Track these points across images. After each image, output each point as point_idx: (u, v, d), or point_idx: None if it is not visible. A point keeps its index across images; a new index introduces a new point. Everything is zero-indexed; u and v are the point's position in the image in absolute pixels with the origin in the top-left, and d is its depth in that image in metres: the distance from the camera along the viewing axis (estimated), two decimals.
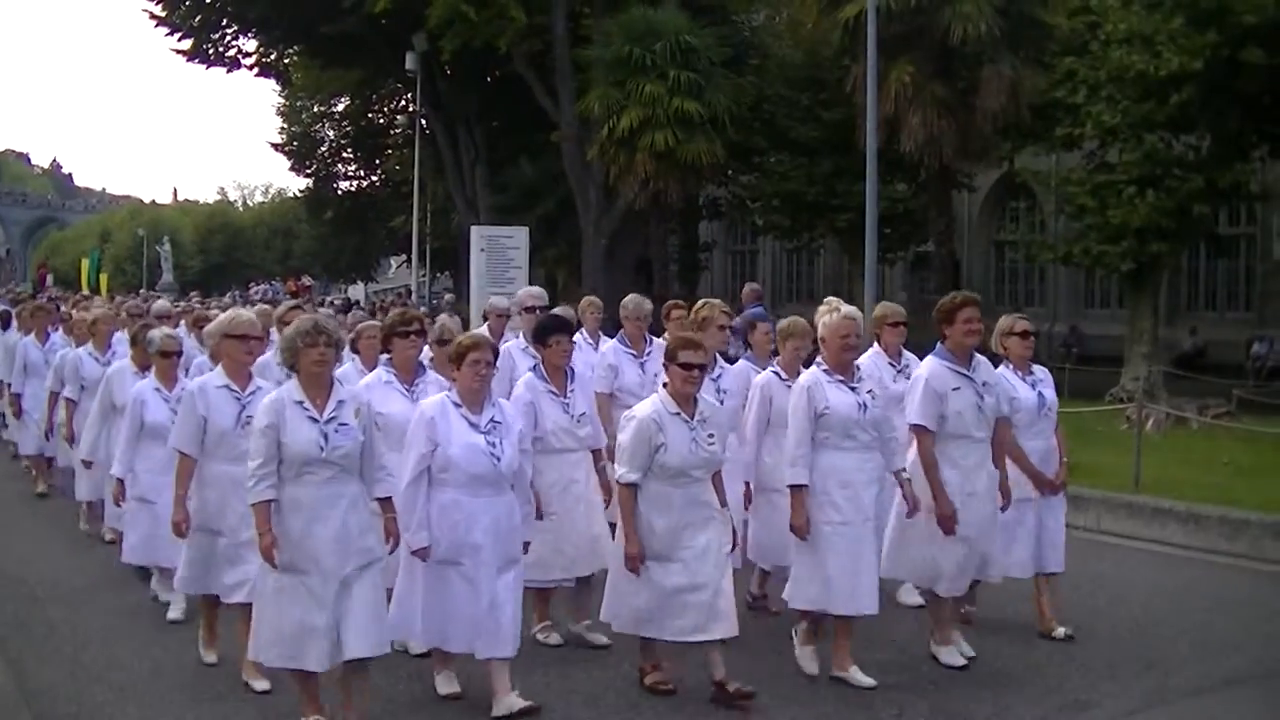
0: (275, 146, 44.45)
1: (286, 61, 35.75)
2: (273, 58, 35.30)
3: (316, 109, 43.06)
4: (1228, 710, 6.31)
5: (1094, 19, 19.04)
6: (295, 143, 43.78)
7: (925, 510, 6.47)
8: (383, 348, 7.13)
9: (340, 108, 42.24)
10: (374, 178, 44.05)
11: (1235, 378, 20.52)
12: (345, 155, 44.37)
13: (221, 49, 33.32)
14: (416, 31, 27.17)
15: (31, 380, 12.00)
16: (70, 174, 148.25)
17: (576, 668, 6.58)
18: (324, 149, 44.23)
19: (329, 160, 44.57)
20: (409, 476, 5.76)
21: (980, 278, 32.56)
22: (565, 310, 9.48)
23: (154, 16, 31.63)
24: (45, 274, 56.74)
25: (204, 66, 33.57)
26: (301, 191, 48.67)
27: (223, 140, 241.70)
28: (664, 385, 6.12)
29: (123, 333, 10.60)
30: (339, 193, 45.60)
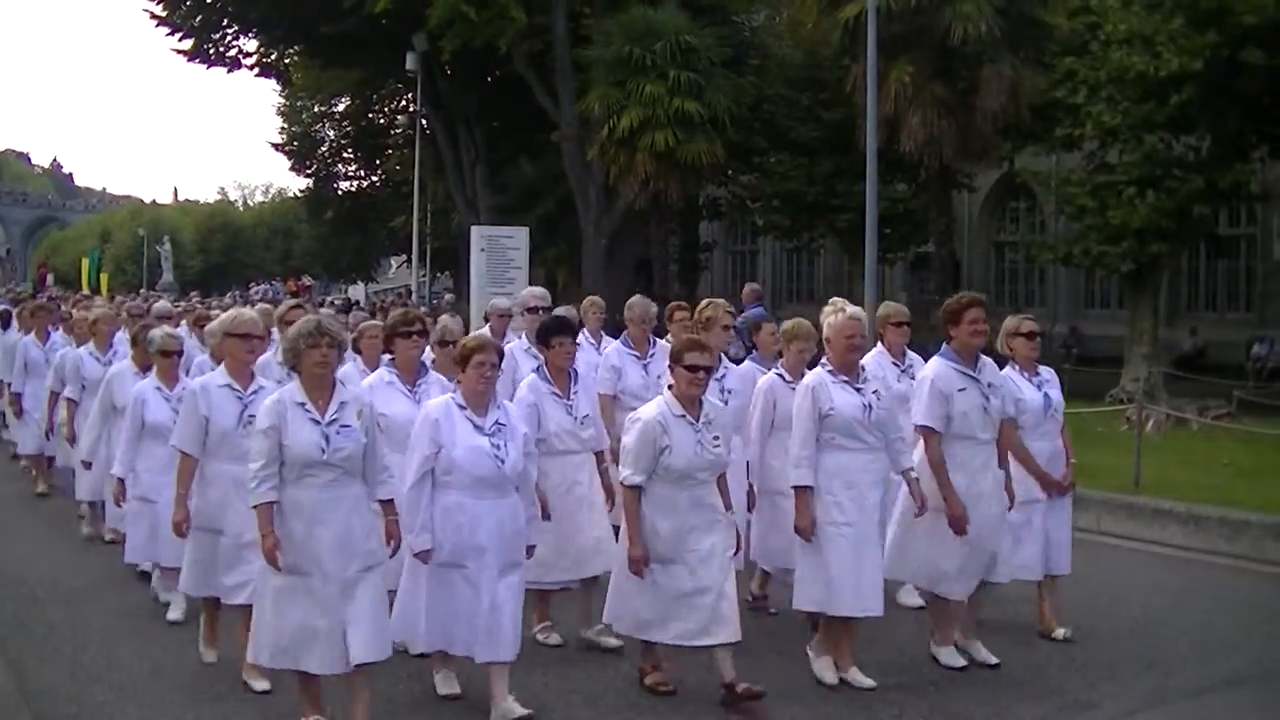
0: (275, 146, 44.52)
1: (287, 61, 35.74)
2: (273, 58, 35.30)
3: (317, 109, 43.08)
4: (1228, 711, 6.32)
5: (1094, 19, 19.04)
6: (295, 143, 43.79)
7: (933, 510, 6.43)
8: (385, 348, 7.10)
9: (340, 108, 42.24)
10: (374, 178, 44.04)
11: (1235, 378, 20.50)
12: (345, 155, 44.38)
13: (222, 49, 33.32)
14: (417, 31, 27.17)
15: (32, 380, 11.98)
16: (70, 174, 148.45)
17: (576, 668, 6.57)
18: (324, 149, 44.24)
19: (329, 160, 44.59)
20: (412, 478, 5.72)
21: (980, 278, 32.54)
22: (567, 311, 9.48)
23: (154, 16, 31.64)
24: (45, 274, 56.79)
25: (204, 66, 33.60)
26: (302, 191, 48.69)
27: (223, 140, 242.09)
28: (669, 387, 6.09)
29: (124, 333, 10.60)
30: (339, 193, 45.59)
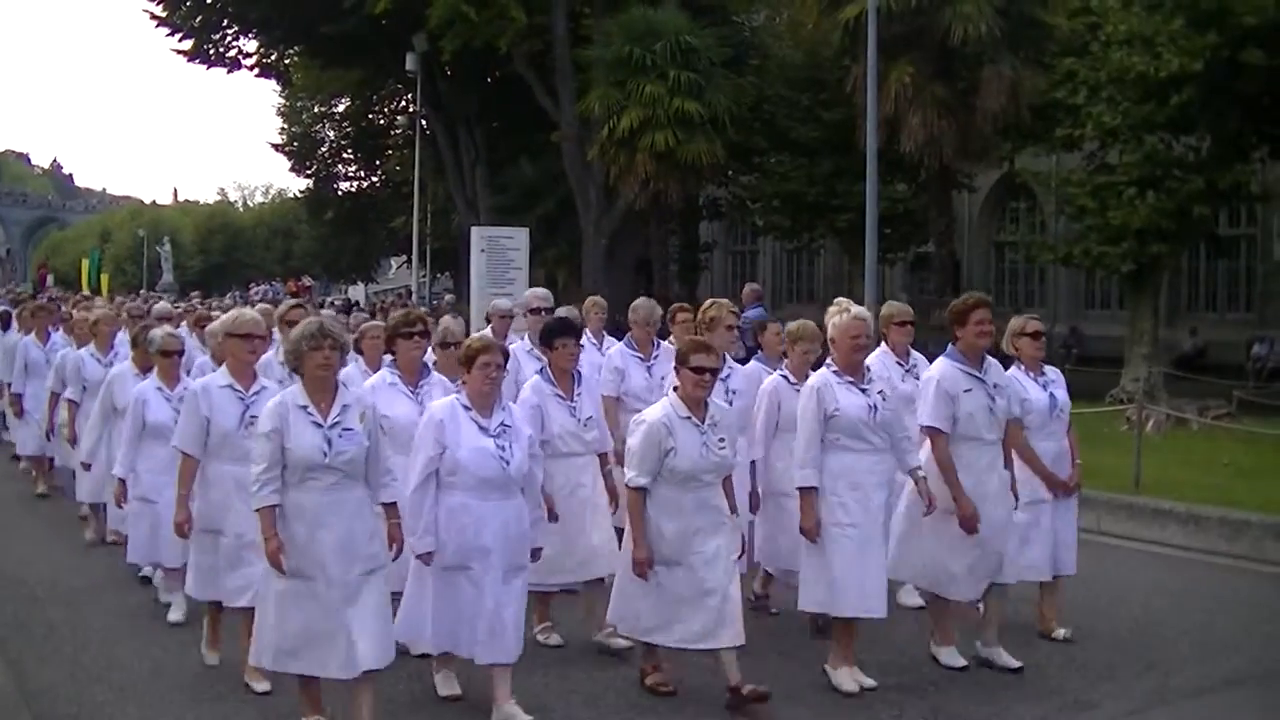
0: (275, 147, 44.47)
1: (287, 62, 35.72)
2: (273, 58, 35.29)
3: (317, 109, 43.05)
4: (1228, 711, 6.32)
5: (1094, 20, 19.04)
6: (295, 143, 43.76)
7: (939, 512, 6.40)
8: (387, 349, 7.08)
9: (340, 108, 42.22)
10: (374, 178, 44.01)
11: (1235, 379, 20.52)
12: (345, 156, 44.34)
13: (222, 49, 33.31)
14: (417, 32, 27.16)
15: (33, 380, 11.98)
16: (70, 174, 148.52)
17: (576, 668, 6.57)
18: (324, 149, 44.21)
19: (329, 161, 44.55)
20: (416, 479, 5.70)
21: (980, 278, 32.54)
22: (569, 312, 9.46)
23: (154, 17, 31.63)
24: (45, 274, 56.76)
25: (204, 67, 33.58)
26: (302, 192, 48.69)
27: (223, 141, 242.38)
28: (674, 389, 6.07)
29: (124, 334, 10.58)
30: (339, 193, 45.56)
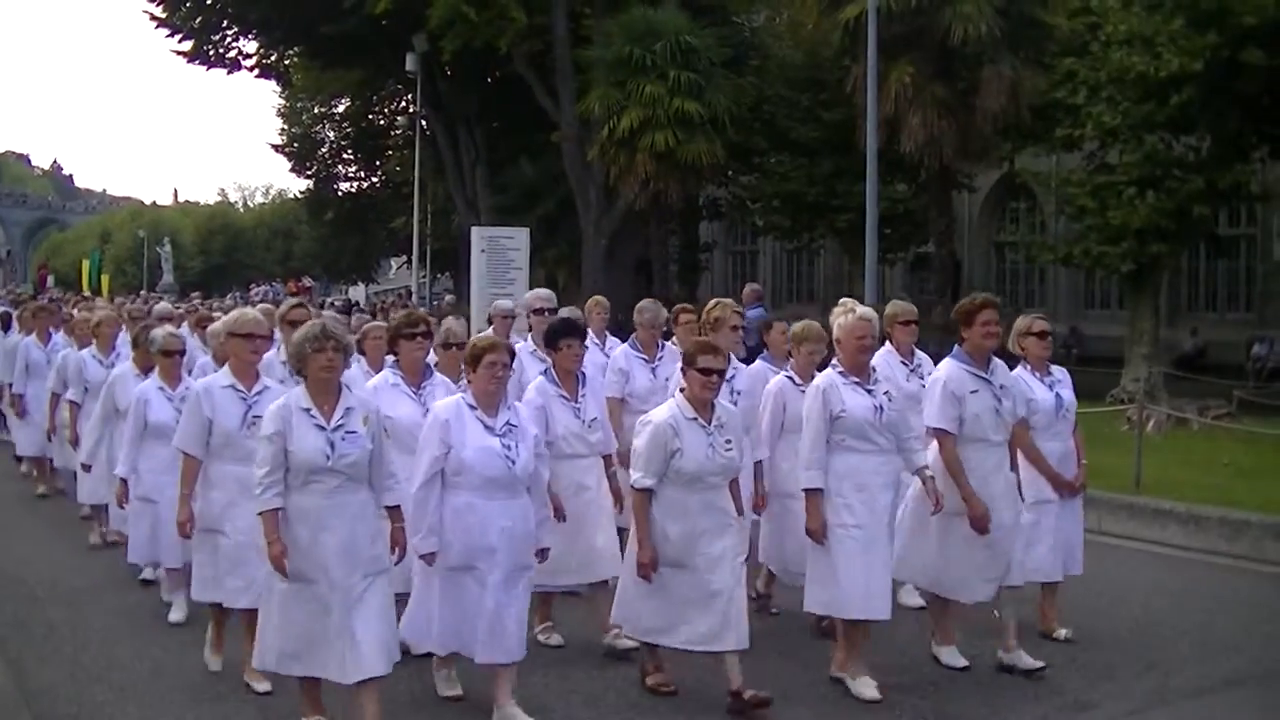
0: (276, 148, 44.47)
1: (287, 63, 35.72)
2: (273, 59, 35.29)
3: (317, 110, 43.06)
4: (1228, 711, 6.32)
5: (1094, 20, 19.04)
6: (296, 144, 43.77)
7: (946, 514, 6.37)
8: (389, 349, 7.06)
9: (340, 109, 42.23)
10: (374, 179, 44.01)
11: (1235, 379, 20.51)
12: (346, 156, 44.36)
13: (222, 50, 33.32)
14: (417, 32, 27.16)
15: (34, 381, 11.97)
16: (71, 175, 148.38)
17: (576, 668, 6.57)
18: (324, 150, 44.23)
19: (329, 161, 44.57)
20: (421, 479, 5.68)
21: (981, 278, 32.56)
22: (572, 313, 9.44)
23: (154, 18, 31.64)
24: (46, 275, 56.83)
25: (204, 68, 33.58)
26: (302, 193, 48.70)
27: (223, 141, 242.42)
28: (680, 390, 6.05)
29: (125, 334, 10.57)
30: (339, 194, 45.56)
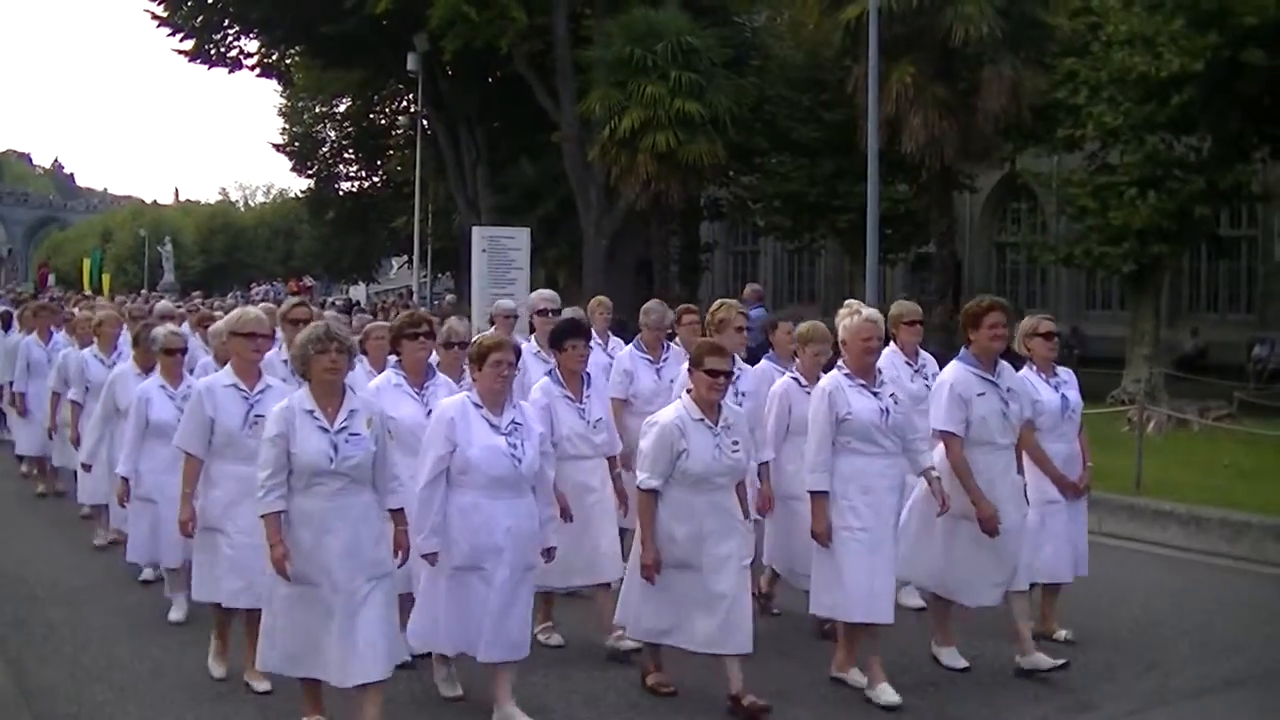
0: (277, 147, 44.50)
1: (288, 62, 35.75)
2: (274, 58, 35.31)
3: (318, 109, 43.08)
4: (1228, 711, 6.32)
5: (1095, 20, 19.04)
6: (297, 143, 43.79)
7: (951, 516, 6.36)
8: (392, 349, 7.04)
9: (342, 108, 42.24)
10: (375, 178, 44.03)
11: (1236, 380, 20.50)
12: (347, 156, 44.38)
13: (223, 49, 33.34)
14: (418, 32, 27.17)
15: (35, 380, 11.98)
16: (72, 174, 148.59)
17: (576, 668, 6.57)
18: (325, 149, 44.24)
19: (330, 161, 44.59)
20: (426, 477, 5.66)
21: (982, 279, 32.57)
22: (576, 313, 9.44)
23: (155, 17, 31.67)
24: (47, 274, 56.79)
25: (205, 67, 33.62)
26: (303, 192, 48.70)
27: (224, 141, 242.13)
28: (687, 391, 6.04)
29: (126, 333, 10.57)
30: (340, 193, 45.58)
